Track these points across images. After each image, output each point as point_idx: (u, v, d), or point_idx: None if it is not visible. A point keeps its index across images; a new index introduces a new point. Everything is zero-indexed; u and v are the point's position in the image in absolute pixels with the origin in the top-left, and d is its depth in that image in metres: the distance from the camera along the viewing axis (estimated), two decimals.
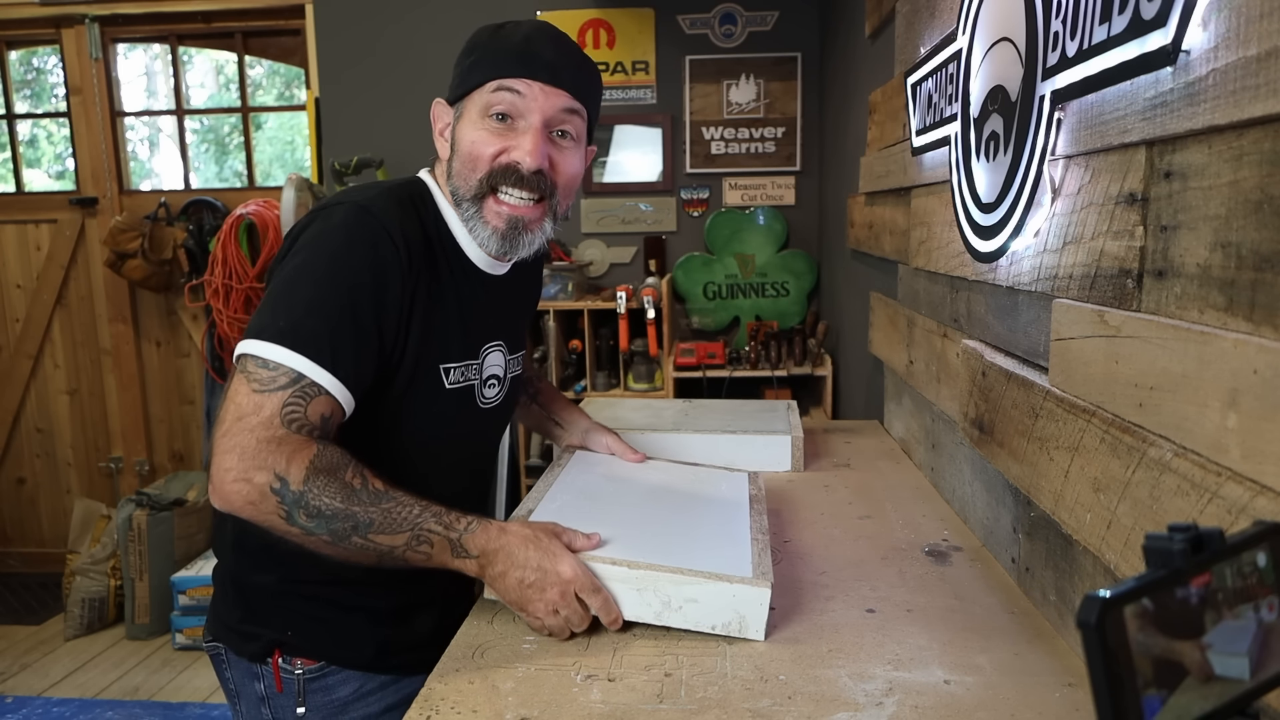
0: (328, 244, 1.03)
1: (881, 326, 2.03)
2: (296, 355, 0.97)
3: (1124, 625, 0.42)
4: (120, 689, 3.10)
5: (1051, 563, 1.05)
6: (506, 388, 1.27)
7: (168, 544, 3.45)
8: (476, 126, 1.10)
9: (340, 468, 0.97)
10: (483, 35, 1.13)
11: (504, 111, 1.09)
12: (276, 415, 0.95)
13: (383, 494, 0.98)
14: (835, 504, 1.50)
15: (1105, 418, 0.85)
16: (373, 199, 1.07)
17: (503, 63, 1.09)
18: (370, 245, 1.03)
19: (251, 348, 0.98)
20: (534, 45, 1.09)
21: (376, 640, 1.18)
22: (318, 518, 0.95)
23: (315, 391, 0.98)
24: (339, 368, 0.99)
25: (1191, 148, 0.73)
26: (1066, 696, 0.89)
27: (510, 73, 1.08)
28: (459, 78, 1.14)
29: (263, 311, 1.01)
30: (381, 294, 1.03)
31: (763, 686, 0.91)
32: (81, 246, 3.91)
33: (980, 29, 1.20)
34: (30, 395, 4.03)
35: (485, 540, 1.00)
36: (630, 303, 3.15)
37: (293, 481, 0.94)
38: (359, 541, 0.97)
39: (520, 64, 1.09)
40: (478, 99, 1.10)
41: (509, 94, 1.09)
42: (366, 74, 3.52)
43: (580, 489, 1.29)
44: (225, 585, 1.21)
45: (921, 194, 1.60)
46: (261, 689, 1.18)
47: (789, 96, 3.44)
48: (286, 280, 1.02)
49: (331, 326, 0.99)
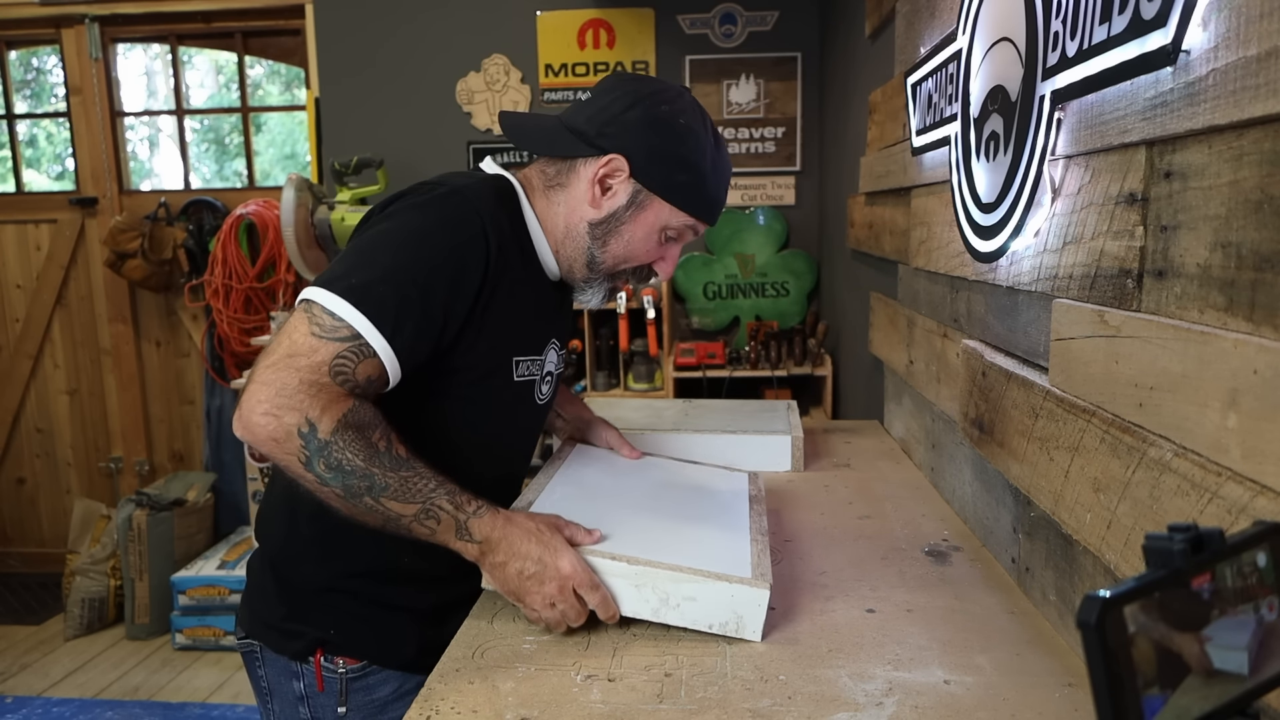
0: (419, 218, 1.05)
1: (881, 326, 2.03)
2: (360, 314, 0.97)
3: (1124, 625, 0.42)
4: (120, 689, 3.10)
5: (1051, 563, 1.05)
6: (554, 386, 1.31)
7: (168, 544, 3.45)
8: (651, 235, 1.17)
9: (370, 427, 0.98)
10: (707, 152, 1.15)
11: (677, 237, 1.20)
12: (327, 364, 0.96)
13: (404, 461, 0.99)
14: (835, 504, 1.50)
15: (1105, 418, 0.85)
16: (471, 185, 1.10)
17: (707, 208, 1.19)
18: (458, 229, 1.05)
19: (319, 295, 0.98)
20: (725, 191, 1.21)
21: (418, 640, 1.18)
22: (336, 470, 0.96)
23: (369, 353, 0.98)
24: (397, 338, 1.00)
25: (1191, 148, 0.73)
26: (1066, 696, 0.89)
27: (708, 219, 1.20)
28: (666, 179, 1.14)
29: (337, 265, 1.02)
30: (458, 280, 1.04)
31: (763, 686, 0.91)
32: (81, 246, 3.91)
33: (980, 29, 1.20)
34: (30, 395, 4.03)
35: (490, 527, 1.01)
36: (630, 303, 3.15)
37: (322, 430, 0.95)
38: (369, 503, 0.98)
39: (715, 213, 1.21)
40: (667, 213, 1.16)
41: (691, 232, 1.20)
42: (367, 74, 3.52)
43: (580, 483, 1.29)
44: (265, 580, 1.21)
45: (921, 194, 1.60)
46: (301, 688, 1.18)
47: (789, 96, 3.44)
48: (369, 241, 1.04)
49: (402, 298, 1.00)
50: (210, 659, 3.28)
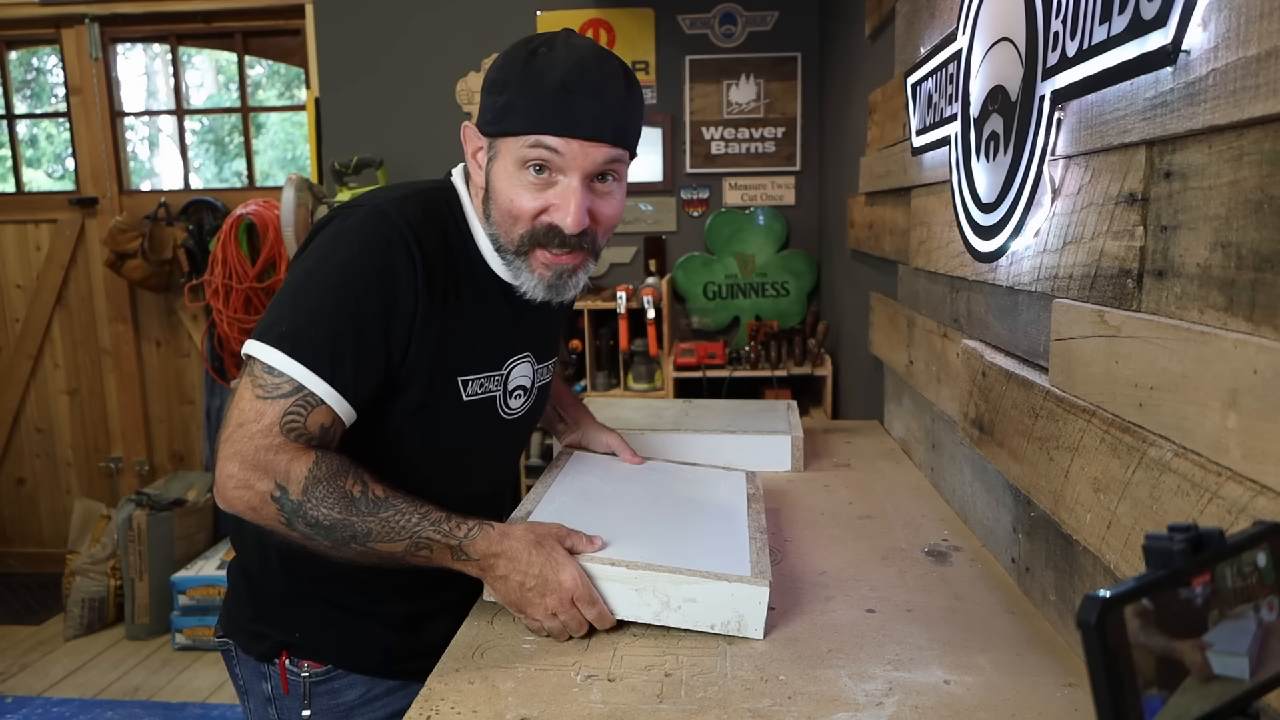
0: (341, 249, 1.01)
1: (881, 326, 2.03)
2: (296, 364, 0.97)
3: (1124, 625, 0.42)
4: (120, 689, 3.10)
5: (1051, 563, 1.05)
6: (534, 398, 1.24)
7: (167, 544, 3.45)
8: (514, 179, 1.03)
9: (340, 475, 0.97)
10: (515, 65, 1.01)
11: (542, 164, 1.02)
12: (276, 424, 0.96)
13: (382, 502, 0.98)
14: (835, 504, 1.50)
15: (1105, 418, 0.85)
16: (395, 202, 1.04)
17: (540, 116, 0.99)
18: (383, 253, 1.00)
19: (255, 349, 0.98)
20: (572, 93, 0.98)
21: (386, 645, 1.18)
22: (316, 526, 0.96)
23: (316, 402, 0.98)
24: (337, 378, 0.98)
25: (1191, 148, 0.73)
26: (1066, 696, 0.89)
27: (548, 129, 0.99)
28: (492, 114, 1.03)
29: (271, 310, 1.01)
30: (391, 304, 1.01)
31: (763, 686, 0.91)
32: (81, 246, 3.91)
33: (980, 29, 1.20)
34: (30, 395, 4.03)
35: (487, 545, 1.00)
36: (630, 303, 3.15)
37: (292, 491, 0.95)
38: (358, 549, 0.98)
39: (558, 119, 0.99)
40: (513, 147, 1.02)
41: (546, 151, 1.00)
42: (367, 74, 3.52)
43: (579, 489, 1.29)
44: (238, 582, 1.21)
45: (921, 194, 1.60)
46: (268, 689, 1.18)
47: (789, 96, 3.44)
48: (296, 283, 1.02)
49: (334, 336, 0.98)
50: (210, 659, 3.27)
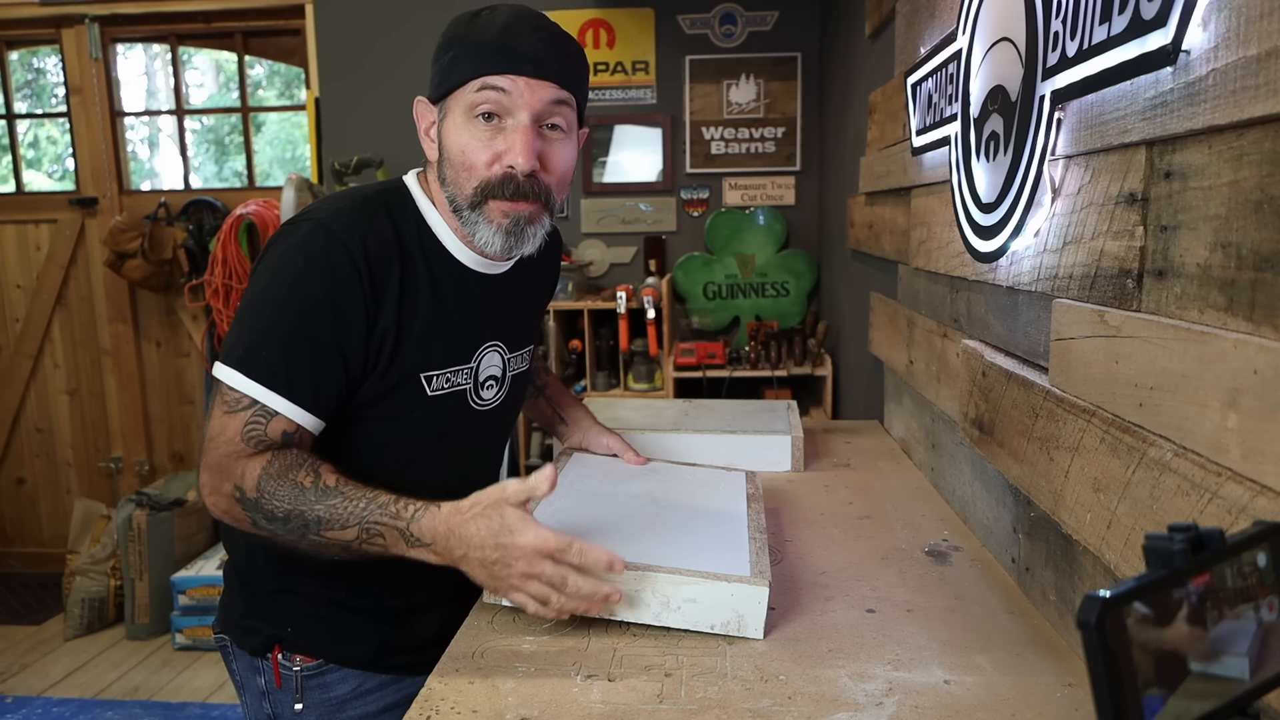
0: (287, 266, 1.03)
1: (881, 326, 2.03)
2: (252, 383, 1.01)
3: (1124, 625, 0.42)
4: (120, 689, 3.10)
5: (1051, 563, 1.05)
6: (506, 387, 1.24)
7: (167, 544, 3.45)
8: (464, 130, 1.06)
9: (293, 469, 1.01)
10: (459, 26, 1.07)
11: (490, 111, 1.04)
12: (238, 435, 1.01)
13: (331, 490, 1.00)
14: (835, 504, 1.50)
15: (1105, 418, 0.85)
16: (337, 212, 1.05)
17: (484, 59, 1.03)
18: (327, 266, 1.02)
19: (219, 372, 1.04)
20: (514, 34, 1.03)
21: (377, 640, 1.19)
22: (274, 520, 1.00)
23: (273, 413, 1.02)
24: (295, 392, 1.02)
25: (1191, 148, 0.73)
26: (1066, 696, 0.89)
27: (493, 69, 1.03)
28: (439, 74, 1.09)
29: (231, 332, 1.05)
30: (341, 313, 1.03)
31: (763, 686, 0.91)
32: (81, 246, 3.90)
33: (980, 29, 1.20)
34: (30, 395, 4.03)
35: (433, 524, 0.97)
36: (630, 303, 3.15)
37: (248, 490, 1.01)
38: (315, 539, 1.00)
39: (502, 58, 1.03)
40: (461, 98, 1.05)
41: (493, 92, 1.03)
42: (367, 74, 3.52)
43: (578, 491, 1.29)
44: (231, 579, 1.24)
45: (921, 194, 1.60)
46: (262, 683, 1.19)
47: (789, 96, 3.44)
48: (251, 304, 1.04)
49: (287, 353, 1.01)
50: (210, 659, 3.27)
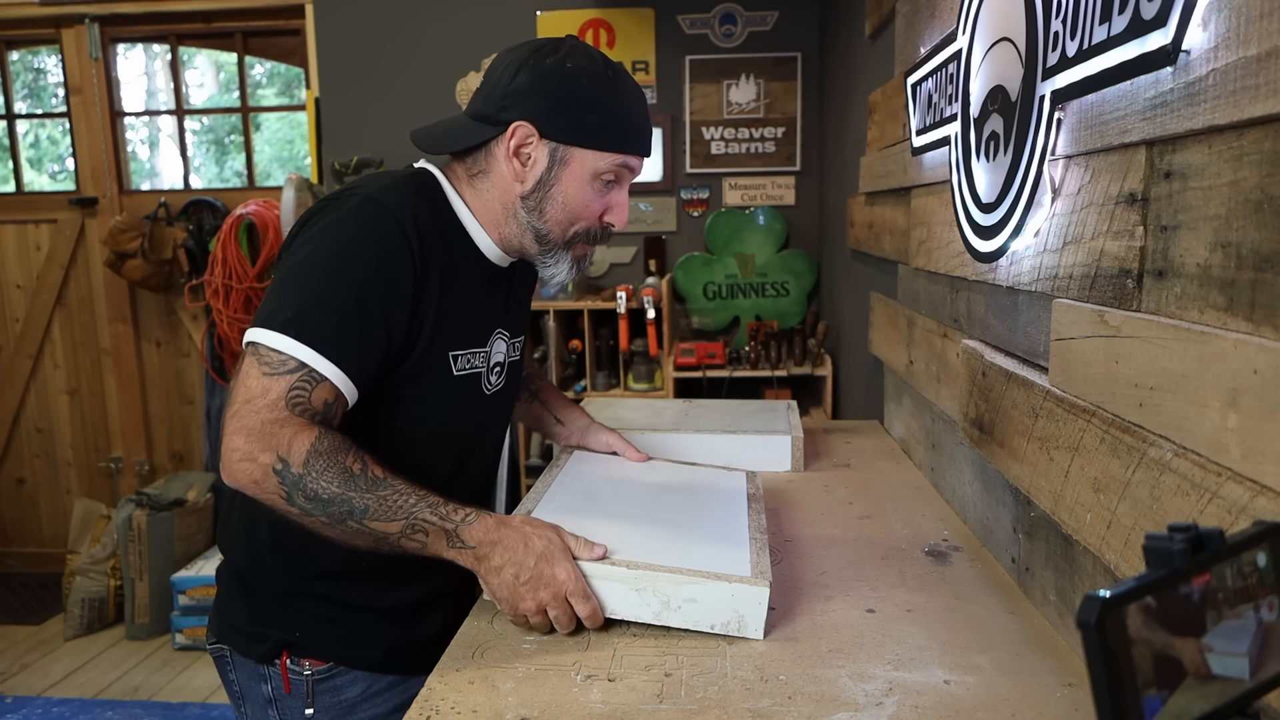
0: (337, 235, 1.04)
1: (881, 326, 2.03)
2: (302, 346, 0.99)
3: (1124, 625, 0.42)
4: (120, 689, 3.10)
5: (1051, 563, 1.05)
6: (507, 374, 1.29)
7: (167, 544, 3.45)
8: (587, 186, 1.14)
9: (341, 451, 0.99)
10: (603, 89, 1.12)
11: (614, 177, 1.16)
12: (282, 398, 0.98)
13: (380, 481, 0.99)
14: (835, 504, 1.50)
15: (1105, 418, 0.85)
16: (384, 189, 1.09)
17: (629, 139, 1.15)
18: (379, 238, 1.04)
19: (260, 336, 1.00)
20: (647, 120, 1.18)
21: (386, 640, 1.18)
22: (315, 500, 0.97)
23: (320, 378, 1.00)
24: (344, 359, 1.01)
25: (1191, 148, 0.73)
26: (1066, 696, 0.89)
27: (634, 150, 1.16)
28: (573, 124, 1.11)
29: (270, 298, 1.02)
30: (391, 287, 1.05)
31: (763, 686, 0.91)
32: (81, 246, 3.90)
33: (980, 29, 1.20)
34: (30, 395, 4.03)
35: (483, 532, 1.01)
36: (630, 303, 3.15)
37: (293, 463, 0.96)
38: (354, 526, 0.98)
39: (641, 143, 1.17)
40: (595, 160, 1.13)
41: (627, 170, 1.16)
42: (367, 74, 3.52)
43: (579, 489, 1.29)
44: (231, 585, 1.21)
45: (921, 194, 1.60)
46: (269, 691, 1.17)
47: (789, 96, 3.44)
48: (294, 270, 1.03)
49: (338, 319, 1.01)
50: (210, 659, 3.27)
